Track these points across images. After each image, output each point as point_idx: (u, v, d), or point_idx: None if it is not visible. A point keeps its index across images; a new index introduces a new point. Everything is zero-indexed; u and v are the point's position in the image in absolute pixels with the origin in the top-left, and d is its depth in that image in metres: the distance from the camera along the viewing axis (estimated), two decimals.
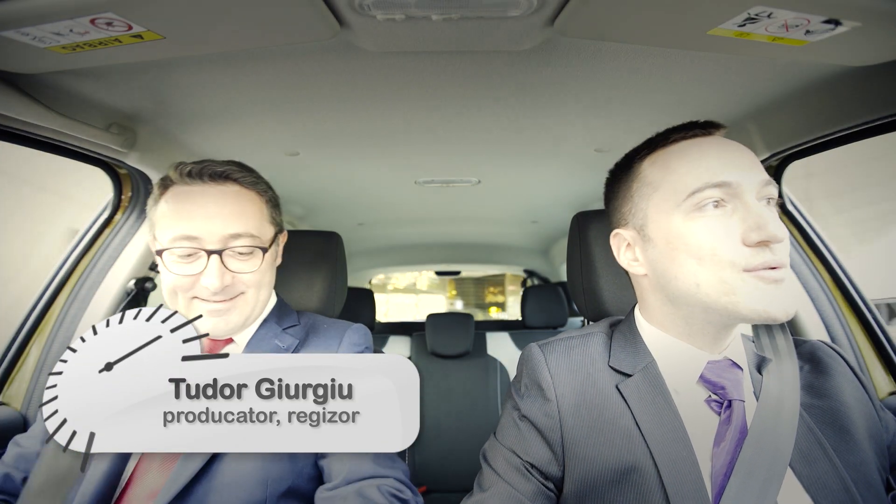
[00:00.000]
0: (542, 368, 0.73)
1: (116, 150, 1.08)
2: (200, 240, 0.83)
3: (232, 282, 0.85)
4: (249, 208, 0.89)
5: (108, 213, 1.27)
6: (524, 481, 0.68)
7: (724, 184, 0.64)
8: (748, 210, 0.63)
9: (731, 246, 0.62)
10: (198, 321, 0.84)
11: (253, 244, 0.87)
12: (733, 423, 0.65)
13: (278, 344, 0.91)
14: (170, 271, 0.84)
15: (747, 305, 0.62)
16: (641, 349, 0.73)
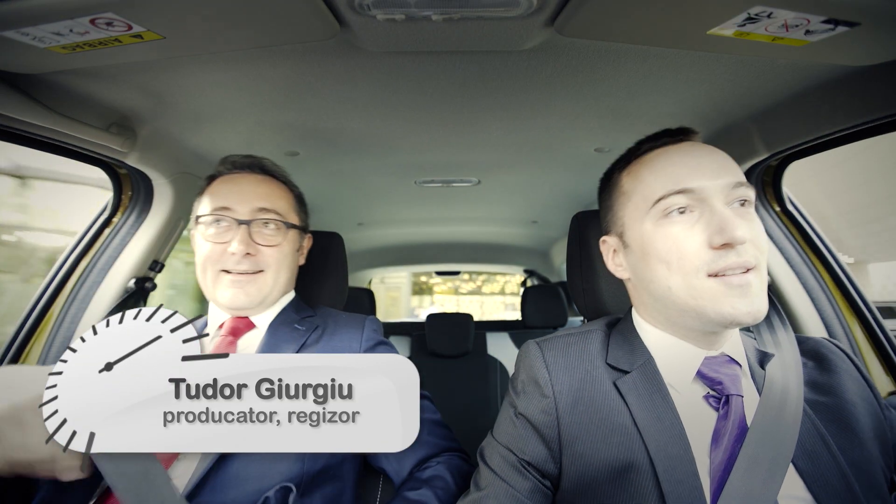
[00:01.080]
0: (540, 365, 0.73)
1: (116, 150, 1.08)
2: (232, 210, 0.92)
3: (256, 255, 0.93)
4: (279, 193, 1.00)
5: (108, 213, 1.27)
6: (521, 479, 0.69)
7: (687, 190, 0.66)
8: (713, 214, 0.64)
9: (696, 250, 0.64)
10: (220, 293, 0.93)
11: (278, 219, 0.96)
12: (731, 419, 0.65)
13: (297, 327, 0.97)
14: (204, 239, 0.93)
15: (713, 309, 0.63)
16: (639, 347, 0.74)
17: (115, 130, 1.04)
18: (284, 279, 0.98)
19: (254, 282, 0.93)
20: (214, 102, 1.03)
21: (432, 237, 2.85)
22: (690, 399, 0.69)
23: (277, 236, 0.96)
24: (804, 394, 0.68)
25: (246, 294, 0.92)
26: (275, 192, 0.98)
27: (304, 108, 1.07)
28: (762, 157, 1.13)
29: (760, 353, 0.74)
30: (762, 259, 0.64)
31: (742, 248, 0.63)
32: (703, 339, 0.70)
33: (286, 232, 0.97)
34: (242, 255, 0.90)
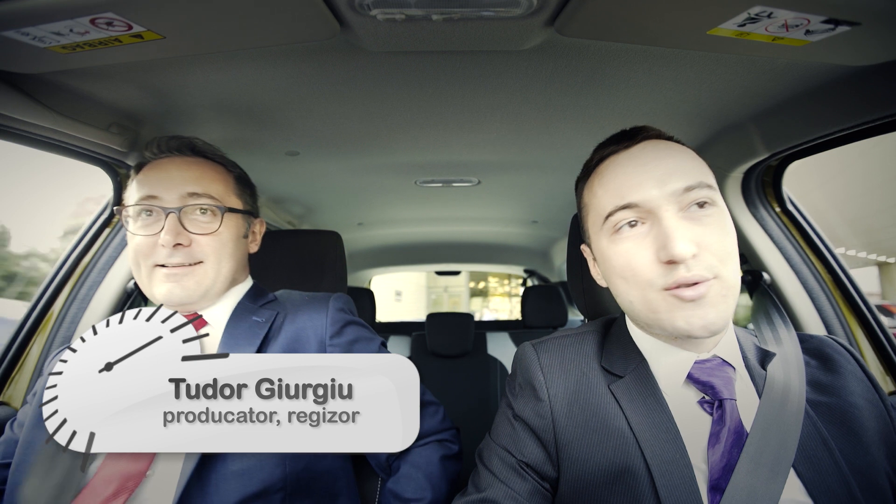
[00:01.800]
0: (535, 368, 0.72)
1: (117, 150, 1.08)
2: (160, 199, 0.85)
3: (190, 245, 0.85)
4: (212, 175, 0.91)
5: (108, 213, 1.27)
6: (520, 480, 0.68)
7: (632, 204, 0.64)
8: (660, 227, 0.62)
9: (647, 265, 0.63)
10: (154, 288, 0.85)
11: (212, 203, 0.87)
12: (726, 424, 0.63)
13: (256, 319, 0.90)
14: (131, 233, 0.85)
15: (669, 322, 0.62)
16: (632, 350, 0.73)
17: (115, 130, 1.04)
18: (228, 269, 0.90)
19: (191, 274, 0.85)
20: (214, 102, 1.03)
21: (432, 237, 2.85)
22: (684, 404, 0.67)
23: (213, 222, 0.87)
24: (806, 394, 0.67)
25: (183, 288, 0.84)
26: (207, 175, 0.90)
27: (304, 108, 1.07)
28: (762, 157, 1.13)
29: (762, 353, 0.73)
30: (721, 267, 0.61)
31: (692, 262, 0.60)
32: (689, 342, 0.68)
33: (222, 217, 0.88)
34: (172, 246, 0.82)
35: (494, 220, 2.46)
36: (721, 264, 0.61)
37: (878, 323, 1.14)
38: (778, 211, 1.25)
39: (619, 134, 0.73)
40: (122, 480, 0.73)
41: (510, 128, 1.22)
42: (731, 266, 0.63)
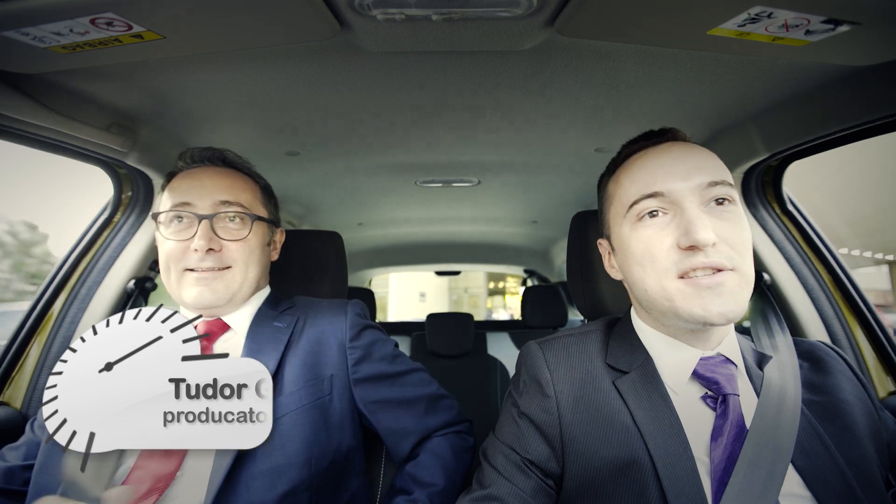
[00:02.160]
0: (541, 365, 0.74)
1: (116, 150, 1.08)
2: (193, 206, 0.88)
3: (221, 250, 0.89)
4: (241, 184, 0.95)
5: (108, 213, 1.27)
6: (524, 478, 0.69)
7: (657, 193, 0.68)
8: (682, 217, 0.65)
9: (666, 252, 0.65)
10: (185, 292, 0.88)
11: (242, 211, 0.92)
12: (729, 418, 0.65)
13: (277, 325, 0.94)
14: (164, 237, 0.89)
15: (685, 309, 0.64)
16: (637, 347, 0.74)
17: (115, 130, 1.04)
18: (254, 275, 0.94)
19: (220, 278, 0.89)
20: (214, 102, 1.03)
21: (432, 237, 2.85)
22: (688, 399, 0.69)
23: (243, 229, 0.92)
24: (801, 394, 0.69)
25: (212, 291, 0.88)
26: (237, 184, 0.94)
27: (304, 108, 1.07)
28: (762, 157, 1.13)
29: (758, 355, 0.75)
30: (739, 260, 0.64)
31: (711, 250, 0.63)
32: (695, 339, 0.71)
33: (251, 224, 0.93)
34: (205, 251, 0.86)
35: (494, 220, 2.46)
36: (739, 257, 0.64)
37: (878, 323, 1.14)
38: (778, 211, 1.25)
39: (647, 133, 0.77)
40: (154, 481, 0.74)
41: (510, 128, 1.22)
42: (748, 261, 0.65)
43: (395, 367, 0.96)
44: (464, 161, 1.52)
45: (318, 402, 0.86)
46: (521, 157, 1.47)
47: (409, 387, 0.96)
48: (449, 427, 0.97)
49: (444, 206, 2.16)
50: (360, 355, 0.93)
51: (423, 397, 0.96)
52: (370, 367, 0.93)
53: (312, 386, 0.87)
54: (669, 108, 1.06)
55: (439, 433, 0.95)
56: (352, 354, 0.93)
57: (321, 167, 1.52)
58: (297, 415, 0.83)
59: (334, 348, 0.92)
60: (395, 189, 1.85)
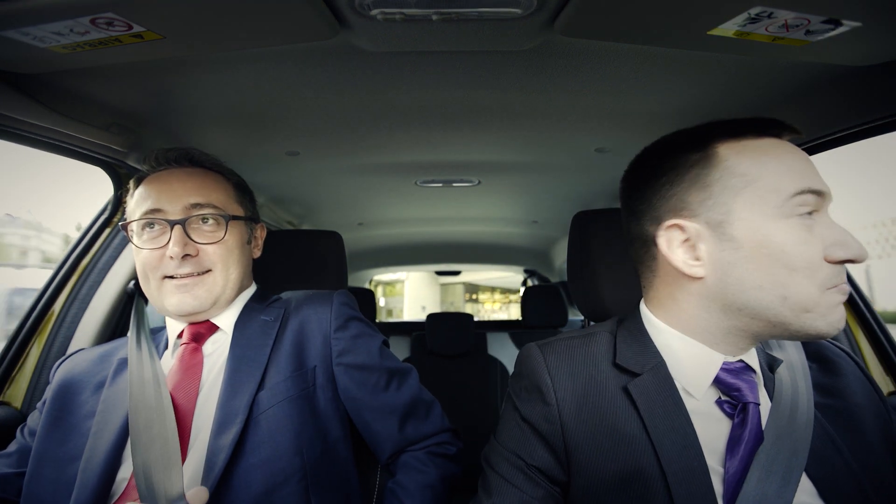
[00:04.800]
0: (542, 371, 0.69)
1: (117, 150, 1.08)
2: (164, 212, 0.85)
3: (198, 255, 0.86)
4: (212, 184, 0.92)
5: (108, 213, 1.26)
6: (531, 485, 0.66)
7: (819, 192, 0.60)
8: (832, 224, 0.60)
9: (817, 261, 0.58)
10: (167, 301, 0.85)
11: (216, 212, 0.88)
12: (748, 427, 0.62)
13: (265, 318, 0.92)
14: (138, 248, 0.86)
15: (827, 321, 0.59)
16: (649, 347, 0.69)
17: (115, 130, 1.04)
18: (236, 275, 0.91)
19: (201, 283, 0.86)
20: (214, 102, 1.03)
21: (432, 237, 2.85)
22: (703, 405, 0.65)
23: (218, 231, 0.88)
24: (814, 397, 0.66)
25: (194, 297, 0.85)
26: (208, 184, 0.90)
27: (304, 108, 1.07)
28: None
29: (768, 358, 0.71)
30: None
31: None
32: (729, 345, 0.65)
33: (227, 225, 0.89)
34: (181, 257, 0.83)
35: (494, 220, 2.46)
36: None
37: (878, 323, 1.14)
38: None
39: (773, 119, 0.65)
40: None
41: (510, 128, 1.22)
42: None
43: (379, 364, 0.93)
44: (464, 161, 1.52)
45: (303, 392, 0.85)
46: (521, 157, 1.47)
47: (391, 390, 0.92)
48: (430, 438, 0.94)
49: (444, 206, 2.16)
50: (344, 347, 0.91)
51: (405, 403, 0.93)
52: (353, 359, 0.91)
53: (298, 377, 0.86)
54: (669, 108, 1.06)
55: (419, 446, 0.92)
56: (336, 345, 0.91)
57: (321, 167, 1.52)
58: (284, 405, 0.82)
59: (318, 339, 0.91)
60: (395, 189, 1.85)
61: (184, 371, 0.85)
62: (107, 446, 0.77)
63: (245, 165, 1.41)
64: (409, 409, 0.93)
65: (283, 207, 1.96)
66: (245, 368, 0.84)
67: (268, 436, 0.79)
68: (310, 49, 0.82)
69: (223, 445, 0.76)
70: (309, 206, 2.01)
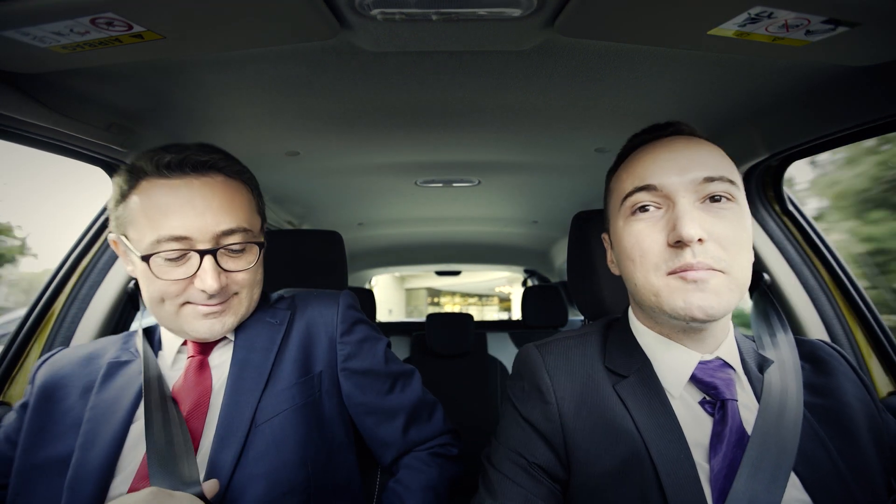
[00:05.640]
0: (541, 371, 0.72)
1: (116, 150, 1.08)
2: (191, 240, 0.74)
3: (227, 282, 0.79)
4: (238, 200, 0.81)
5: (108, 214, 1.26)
6: (534, 483, 0.68)
7: (650, 187, 0.66)
8: (674, 212, 0.63)
9: (656, 248, 0.64)
10: (190, 326, 0.80)
11: (247, 240, 0.80)
12: (728, 425, 0.64)
13: (270, 321, 0.89)
14: (157, 277, 0.74)
15: (668, 304, 0.63)
16: (635, 350, 0.73)
17: (115, 130, 1.04)
18: (258, 293, 0.88)
19: (229, 309, 0.81)
20: (214, 102, 1.03)
21: (433, 237, 2.85)
22: (687, 403, 0.68)
23: (250, 257, 0.81)
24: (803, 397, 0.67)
25: (223, 324, 0.81)
26: (235, 201, 0.80)
27: (304, 108, 1.07)
28: (762, 158, 1.13)
29: (760, 358, 0.73)
30: (729, 262, 0.61)
31: (699, 248, 0.61)
32: (691, 340, 0.68)
33: (259, 253, 0.83)
34: (216, 290, 0.76)
35: (494, 220, 2.46)
36: (730, 258, 0.62)
37: (878, 323, 1.14)
38: (778, 211, 1.25)
39: (652, 126, 0.74)
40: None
41: (510, 128, 1.22)
42: (740, 263, 0.63)
43: (384, 368, 0.92)
44: (464, 161, 1.52)
45: (309, 400, 0.83)
46: (521, 157, 1.47)
47: (395, 393, 0.91)
48: (433, 440, 0.94)
49: (444, 206, 2.16)
50: (350, 351, 0.89)
51: (408, 406, 0.92)
52: (359, 364, 0.89)
53: (304, 384, 0.84)
54: (669, 108, 1.06)
55: (421, 448, 0.92)
56: (342, 350, 0.89)
57: (321, 167, 1.52)
58: (289, 414, 0.80)
59: (325, 343, 0.88)
60: (395, 189, 1.85)
61: (191, 387, 0.81)
62: (99, 459, 0.73)
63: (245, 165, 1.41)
64: (413, 411, 0.92)
65: (283, 207, 1.96)
66: (249, 376, 0.81)
67: (272, 446, 0.77)
68: (310, 49, 0.82)
69: (225, 460, 0.73)
70: (309, 206, 2.01)
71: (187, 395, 0.80)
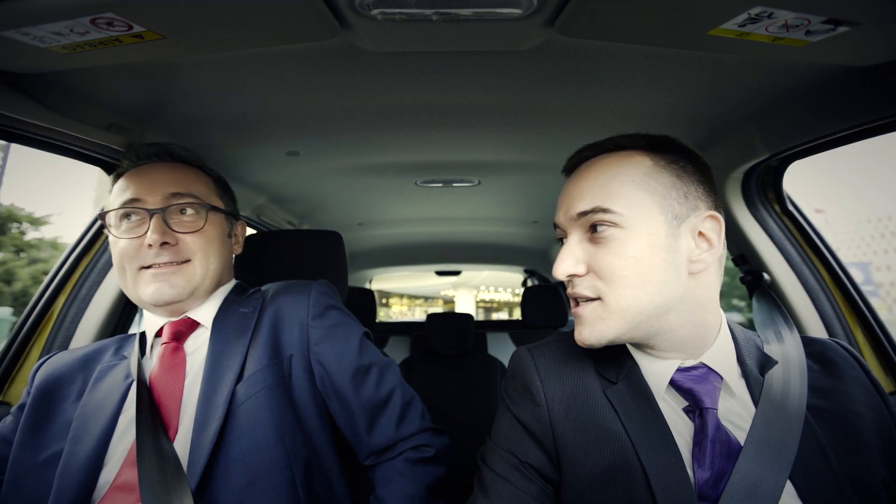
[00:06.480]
0: (532, 373, 0.72)
1: (116, 149, 1.08)
2: (143, 202, 0.86)
3: (177, 244, 0.86)
4: (193, 176, 0.93)
5: None
6: (526, 482, 0.68)
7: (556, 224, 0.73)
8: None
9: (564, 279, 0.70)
10: (140, 289, 0.85)
11: (196, 202, 0.89)
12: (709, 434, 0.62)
13: (243, 310, 0.91)
14: (116, 237, 0.86)
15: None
16: (623, 354, 0.73)
17: (115, 130, 1.04)
18: (216, 267, 0.91)
19: (180, 272, 0.86)
20: (214, 102, 1.03)
21: (433, 237, 2.85)
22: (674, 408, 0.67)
23: (198, 220, 0.89)
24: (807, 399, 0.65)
25: (171, 286, 0.84)
26: (188, 177, 0.92)
27: (304, 108, 1.07)
28: (762, 158, 1.13)
29: (763, 358, 0.71)
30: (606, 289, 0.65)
31: (577, 281, 0.68)
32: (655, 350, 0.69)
33: (207, 215, 0.90)
34: (159, 245, 0.83)
35: (495, 220, 2.46)
36: (606, 287, 0.65)
37: (878, 323, 1.14)
38: (778, 211, 1.25)
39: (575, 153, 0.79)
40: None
41: (510, 128, 1.22)
42: (620, 290, 0.64)
43: (357, 357, 0.90)
44: (464, 161, 1.52)
45: (280, 381, 0.84)
46: (521, 157, 1.47)
47: (369, 384, 0.89)
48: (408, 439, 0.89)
49: (444, 206, 2.16)
50: (321, 335, 0.89)
51: (382, 399, 0.89)
52: (330, 349, 0.88)
53: (275, 366, 0.85)
54: (669, 108, 1.06)
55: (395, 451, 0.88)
56: (312, 333, 0.89)
57: (321, 167, 1.52)
58: (261, 396, 0.81)
59: (295, 327, 0.89)
60: (395, 189, 1.85)
61: (166, 371, 0.84)
62: (87, 451, 0.76)
63: (245, 165, 1.41)
64: (387, 405, 0.89)
65: (284, 207, 1.96)
66: (224, 362, 0.83)
67: (247, 428, 0.78)
68: (310, 49, 0.82)
69: (205, 441, 0.75)
70: (309, 206, 2.01)
71: (161, 379, 0.83)
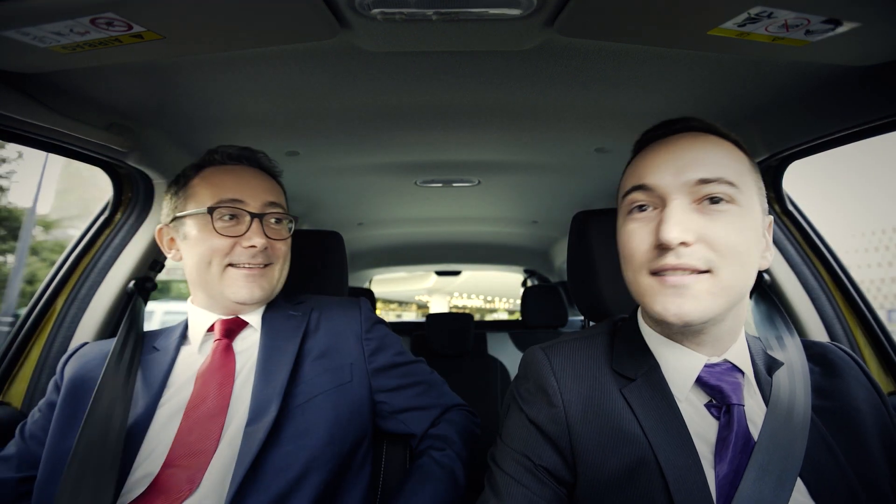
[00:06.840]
0: (547, 373, 0.71)
1: (117, 149, 1.08)
2: (244, 203, 0.90)
3: (269, 249, 0.93)
4: (278, 189, 1.01)
5: (108, 213, 1.26)
6: (539, 485, 0.67)
7: (644, 187, 0.65)
8: (663, 213, 0.63)
9: (643, 248, 0.64)
10: (231, 290, 0.90)
11: (284, 213, 0.98)
12: (734, 430, 0.62)
13: (292, 314, 0.98)
14: (215, 231, 0.88)
15: (650, 306, 0.63)
16: (643, 351, 0.71)
17: (115, 130, 1.04)
18: (286, 273, 1.00)
19: (266, 275, 0.93)
20: (214, 102, 1.03)
21: (433, 237, 2.85)
22: (695, 406, 0.67)
23: (284, 230, 0.98)
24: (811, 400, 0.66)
25: (260, 288, 0.92)
26: (276, 188, 1.00)
27: (304, 108, 1.07)
28: (762, 158, 1.13)
29: (769, 360, 0.72)
30: (719, 263, 0.60)
31: (684, 250, 0.60)
32: (690, 342, 0.67)
33: (292, 227, 1.00)
34: (262, 248, 0.90)
35: (494, 220, 2.46)
36: (720, 260, 0.60)
37: (878, 323, 1.14)
38: (778, 211, 1.25)
39: (662, 122, 0.72)
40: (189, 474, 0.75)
41: (510, 128, 1.22)
42: (733, 266, 0.61)
43: (404, 358, 1.03)
44: (464, 161, 1.52)
45: (340, 386, 0.90)
46: (521, 157, 1.47)
47: (420, 374, 1.03)
48: (461, 406, 1.05)
49: (444, 206, 2.16)
50: (375, 346, 0.99)
51: (435, 381, 1.05)
52: (384, 358, 0.99)
53: (334, 372, 0.91)
54: (669, 108, 1.06)
55: (455, 408, 1.03)
56: (367, 345, 0.99)
57: (321, 167, 1.52)
58: (321, 399, 0.87)
59: (351, 340, 0.98)
60: (395, 189, 1.85)
61: (217, 368, 0.87)
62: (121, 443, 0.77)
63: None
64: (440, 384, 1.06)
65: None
66: (277, 357, 0.88)
67: (303, 428, 0.82)
68: (310, 49, 0.82)
69: (258, 430, 0.78)
70: (309, 206, 2.01)
71: (213, 376, 0.85)
